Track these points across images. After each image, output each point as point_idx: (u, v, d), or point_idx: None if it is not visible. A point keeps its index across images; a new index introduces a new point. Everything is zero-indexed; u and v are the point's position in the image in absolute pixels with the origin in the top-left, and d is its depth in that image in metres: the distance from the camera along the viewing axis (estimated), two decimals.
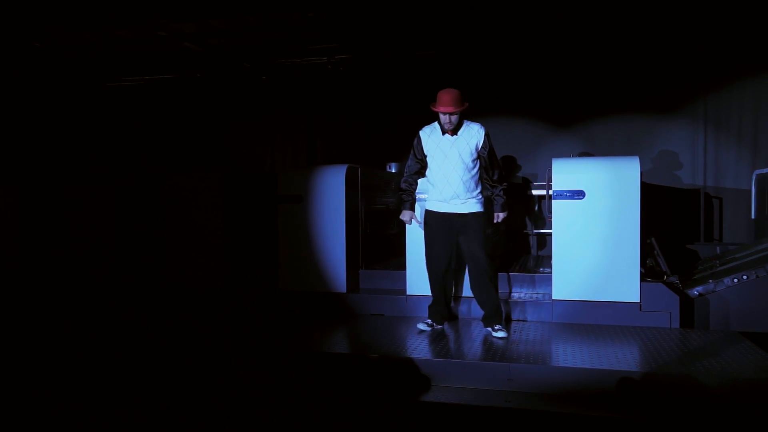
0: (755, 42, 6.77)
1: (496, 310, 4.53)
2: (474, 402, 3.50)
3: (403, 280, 5.28)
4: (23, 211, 7.21)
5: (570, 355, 3.87)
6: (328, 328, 4.89)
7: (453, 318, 5.00)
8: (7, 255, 7.16)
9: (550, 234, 5.00)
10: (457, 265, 4.84)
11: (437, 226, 4.53)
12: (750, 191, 6.45)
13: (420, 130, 4.57)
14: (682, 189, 7.18)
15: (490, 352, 3.99)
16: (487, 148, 4.44)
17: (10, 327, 5.44)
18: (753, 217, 6.36)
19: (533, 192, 7.06)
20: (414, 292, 5.17)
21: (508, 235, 6.80)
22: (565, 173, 4.86)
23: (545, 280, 5.15)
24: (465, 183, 4.39)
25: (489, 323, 4.50)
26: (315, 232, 5.54)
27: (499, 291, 5.01)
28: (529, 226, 7.26)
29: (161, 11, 6.49)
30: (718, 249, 6.35)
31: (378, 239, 6.29)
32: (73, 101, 9.29)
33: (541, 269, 5.59)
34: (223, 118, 8.93)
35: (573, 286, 4.82)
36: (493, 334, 4.38)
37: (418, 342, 4.29)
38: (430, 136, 4.49)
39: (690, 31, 6.80)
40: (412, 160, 4.60)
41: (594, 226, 4.77)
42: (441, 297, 4.69)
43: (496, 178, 4.52)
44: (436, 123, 4.49)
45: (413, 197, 4.68)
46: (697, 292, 4.81)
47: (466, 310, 5.04)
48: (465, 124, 4.44)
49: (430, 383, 3.78)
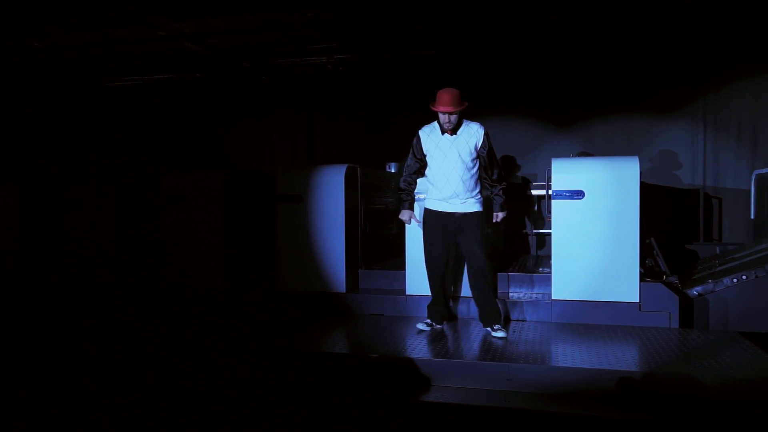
0: (755, 42, 6.77)
1: (495, 310, 4.53)
2: (473, 402, 3.50)
3: (402, 280, 5.28)
4: (22, 211, 7.20)
5: (569, 355, 3.87)
6: (327, 328, 4.90)
7: (452, 318, 5.01)
8: (6, 255, 7.16)
9: (550, 234, 5.00)
10: (456, 265, 4.85)
11: (436, 225, 4.53)
12: (749, 191, 6.46)
13: (419, 130, 4.57)
14: (682, 189, 7.18)
15: (490, 352, 3.99)
16: (487, 148, 4.44)
17: (10, 327, 5.44)
18: (752, 217, 6.36)
19: (533, 192, 7.07)
20: (413, 292, 5.17)
21: (508, 235, 6.81)
22: (564, 173, 4.86)
23: (544, 280, 5.15)
24: (464, 182, 4.39)
25: (488, 323, 4.50)
26: (314, 232, 5.54)
27: (498, 291, 5.03)
28: (529, 226, 7.27)
29: (161, 11, 6.49)
30: (718, 249, 6.36)
31: (377, 239, 6.29)
32: (72, 101, 9.28)
33: (540, 269, 5.59)
34: (223, 117, 8.93)
35: (572, 286, 4.83)
36: (493, 334, 4.38)
37: (418, 342, 4.29)
38: (429, 135, 4.49)
39: (690, 31, 6.80)
40: (411, 159, 4.60)
41: (593, 226, 4.77)
42: (440, 296, 4.69)
43: (495, 177, 4.53)
44: (435, 122, 4.49)
45: (412, 197, 4.68)
46: (696, 292, 4.82)
47: (465, 309, 5.04)
48: (464, 123, 4.44)
49: (430, 383, 3.78)
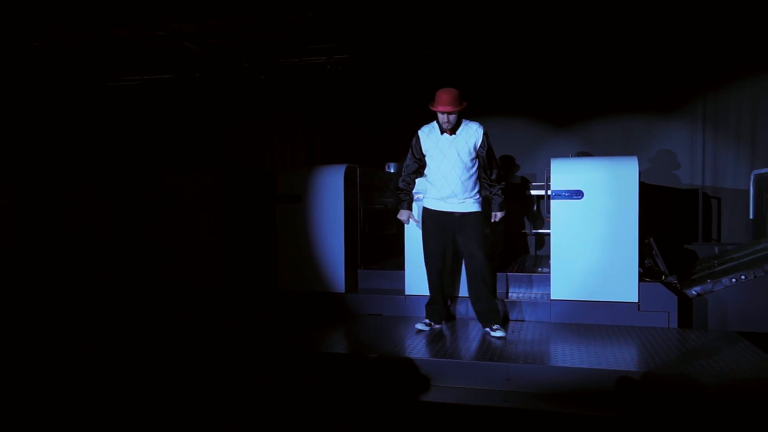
0: (754, 42, 6.77)
1: (494, 309, 4.54)
2: (472, 402, 3.50)
3: (401, 280, 5.29)
4: (22, 211, 7.20)
5: (568, 355, 3.87)
6: (326, 328, 4.90)
7: (451, 318, 5.01)
8: (6, 255, 7.16)
9: (549, 234, 4.99)
10: (455, 265, 4.85)
11: (434, 225, 4.54)
12: (748, 191, 6.46)
13: (419, 130, 4.57)
14: (681, 189, 7.18)
15: (489, 352, 3.99)
16: (486, 148, 4.45)
17: (10, 327, 5.44)
18: (751, 217, 6.37)
19: (532, 192, 7.07)
20: (412, 292, 5.17)
21: (507, 234, 6.81)
22: (563, 173, 4.86)
23: (543, 280, 5.15)
24: (463, 182, 4.39)
25: (487, 323, 4.50)
26: (314, 232, 5.54)
27: (497, 291, 5.03)
28: (528, 226, 7.27)
29: (160, 11, 6.49)
30: (717, 249, 6.36)
31: (377, 239, 6.29)
32: (72, 101, 9.28)
33: (539, 269, 5.59)
34: (222, 117, 8.93)
35: (571, 286, 4.83)
36: (491, 334, 4.38)
37: (417, 342, 4.29)
38: (428, 135, 4.49)
39: (689, 32, 6.81)
40: (410, 159, 4.60)
41: (592, 226, 4.77)
42: (439, 295, 4.70)
43: (494, 177, 4.53)
44: (434, 122, 4.49)
45: (411, 196, 4.69)
46: (695, 292, 4.82)
47: (464, 309, 5.04)
48: (463, 123, 4.45)
49: (429, 383, 3.79)
